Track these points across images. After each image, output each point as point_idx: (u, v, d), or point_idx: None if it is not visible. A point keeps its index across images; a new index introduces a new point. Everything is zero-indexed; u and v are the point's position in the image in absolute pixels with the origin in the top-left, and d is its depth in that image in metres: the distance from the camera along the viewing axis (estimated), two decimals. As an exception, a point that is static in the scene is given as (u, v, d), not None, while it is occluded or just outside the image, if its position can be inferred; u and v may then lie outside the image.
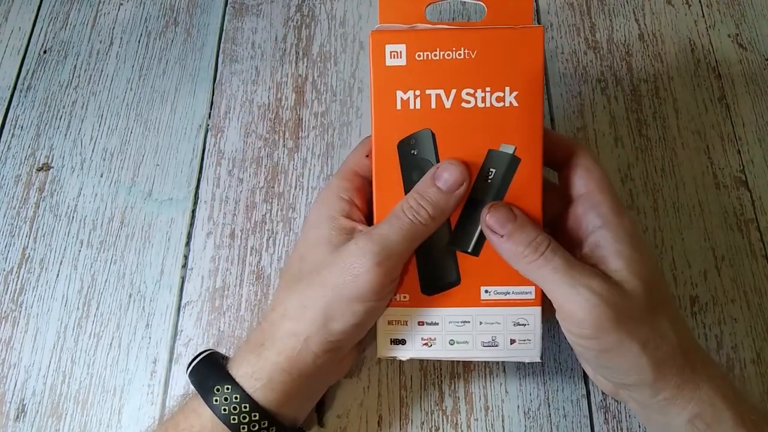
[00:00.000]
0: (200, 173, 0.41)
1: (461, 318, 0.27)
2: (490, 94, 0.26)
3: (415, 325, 0.27)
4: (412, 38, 0.26)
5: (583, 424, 0.32)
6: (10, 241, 0.39)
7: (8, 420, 0.34)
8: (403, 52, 0.26)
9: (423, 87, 0.26)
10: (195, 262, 0.38)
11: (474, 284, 0.27)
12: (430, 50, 0.26)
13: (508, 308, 0.27)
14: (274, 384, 0.26)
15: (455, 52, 0.26)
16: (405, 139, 0.27)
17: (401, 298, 0.27)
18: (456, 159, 0.26)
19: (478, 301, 0.27)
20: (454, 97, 0.26)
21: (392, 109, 0.26)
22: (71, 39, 0.46)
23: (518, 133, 0.26)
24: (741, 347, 0.34)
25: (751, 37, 0.43)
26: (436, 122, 0.26)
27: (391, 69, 0.26)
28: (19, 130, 0.43)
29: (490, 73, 0.26)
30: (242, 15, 0.46)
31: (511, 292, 0.27)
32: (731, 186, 0.38)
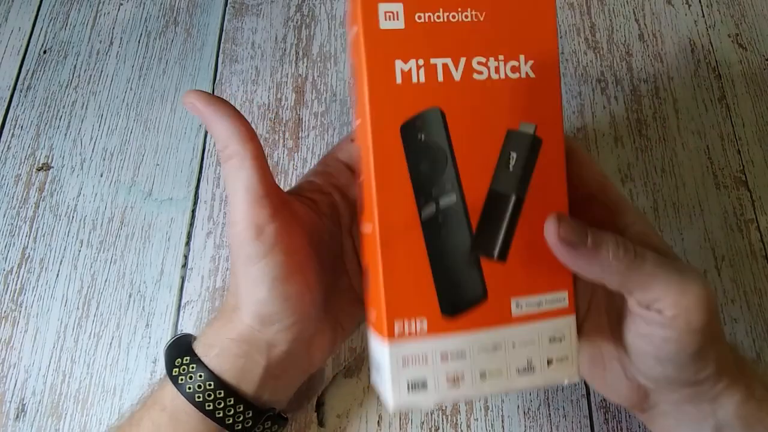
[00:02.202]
0: (200, 173, 0.41)
1: (492, 342, 0.22)
2: (504, 63, 0.22)
3: (437, 360, 0.22)
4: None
5: (583, 424, 0.32)
6: (10, 241, 0.39)
7: (8, 419, 0.34)
8: (400, 13, 0.21)
9: (427, 55, 0.22)
10: (195, 261, 0.38)
11: (503, 297, 0.22)
12: (432, 11, 0.22)
13: (543, 322, 0.23)
14: (226, 352, 0.26)
15: (461, 14, 0.22)
16: (409, 121, 0.22)
17: (417, 325, 0.22)
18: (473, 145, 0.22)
19: (509, 318, 0.22)
20: (464, 67, 0.22)
21: (391, 83, 0.21)
22: (71, 39, 0.46)
23: (537, 109, 0.22)
24: (741, 347, 0.34)
25: (751, 37, 0.43)
26: (445, 98, 0.22)
27: (386, 33, 0.21)
28: (19, 129, 0.43)
29: (502, 38, 0.22)
30: (242, 15, 0.46)
31: (544, 302, 0.23)
32: (731, 186, 0.38)
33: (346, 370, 0.34)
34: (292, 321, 0.25)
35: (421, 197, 0.22)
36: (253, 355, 0.26)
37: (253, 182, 0.24)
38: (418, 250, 0.22)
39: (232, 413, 0.25)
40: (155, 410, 0.26)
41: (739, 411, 0.24)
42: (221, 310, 0.27)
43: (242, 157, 0.24)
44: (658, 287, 0.22)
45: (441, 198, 0.22)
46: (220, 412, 0.25)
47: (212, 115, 0.24)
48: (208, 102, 0.24)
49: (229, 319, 0.26)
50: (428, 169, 0.22)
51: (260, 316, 0.25)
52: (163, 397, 0.26)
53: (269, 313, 0.25)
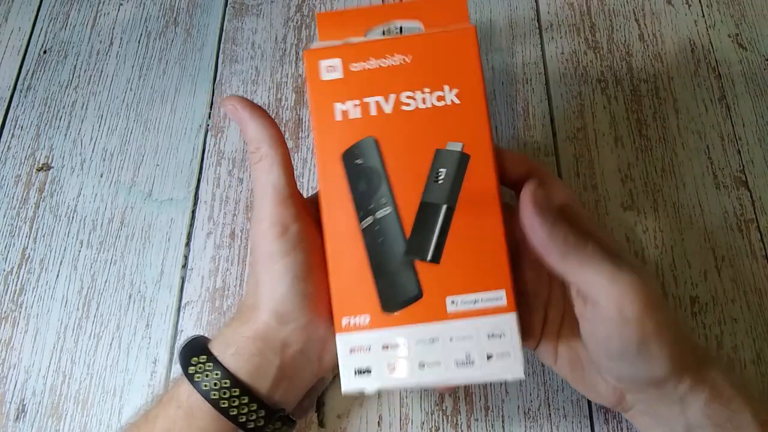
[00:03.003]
0: (200, 173, 0.41)
1: (429, 336, 0.24)
2: (430, 94, 0.26)
3: (379, 350, 0.25)
4: (345, 51, 0.26)
5: (583, 424, 0.32)
6: (10, 242, 0.39)
7: (8, 420, 0.34)
8: (339, 66, 0.26)
9: (361, 96, 0.26)
10: (195, 262, 0.38)
11: (438, 295, 0.25)
12: (365, 60, 0.26)
13: (479, 318, 0.24)
14: (242, 351, 0.26)
15: (390, 59, 0.26)
16: (348, 149, 0.26)
17: (361, 320, 0.25)
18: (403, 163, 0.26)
19: (444, 314, 0.25)
20: (394, 101, 0.26)
21: (331, 121, 0.26)
22: (71, 39, 0.46)
23: (464, 131, 0.25)
24: (741, 347, 0.34)
25: (752, 37, 0.43)
26: (378, 129, 0.26)
27: (327, 83, 0.26)
28: (19, 130, 0.43)
29: (427, 74, 0.26)
30: (242, 15, 0.46)
31: (480, 300, 0.25)
32: (731, 186, 0.38)
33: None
34: (308, 320, 0.26)
35: (361, 212, 0.26)
36: (267, 354, 0.26)
37: (281, 183, 0.26)
38: (360, 258, 0.25)
39: (245, 411, 0.26)
40: (171, 407, 0.26)
41: (707, 410, 0.24)
42: (238, 311, 0.28)
43: (272, 160, 0.26)
44: (590, 272, 0.23)
45: (377, 211, 0.25)
46: (234, 410, 0.25)
47: (249, 118, 0.26)
48: (246, 105, 0.27)
49: (247, 318, 0.27)
50: (366, 188, 0.25)
51: (278, 313, 0.26)
52: (179, 394, 0.26)
53: (287, 311, 0.26)
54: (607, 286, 0.23)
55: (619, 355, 0.24)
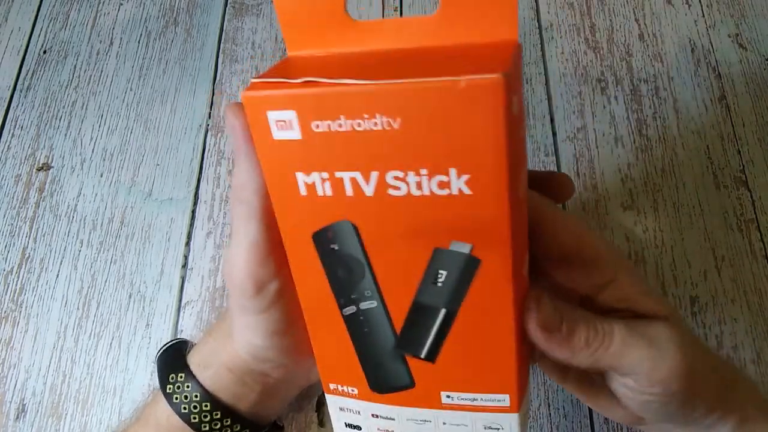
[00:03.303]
0: (200, 173, 0.41)
1: (421, 417, 0.22)
2: (428, 178, 0.17)
3: (368, 416, 0.23)
4: (303, 102, 0.17)
5: (583, 424, 0.32)
6: (10, 241, 0.39)
7: (8, 420, 0.34)
8: (295, 122, 0.17)
9: (330, 168, 0.18)
10: (195, 261, 0.38)
11: (432, 387, 0.21)
12: (332, 119, 0.17)
13: (477, 413, 0.21)
14: (221, 376, 0.25)
15: (369, 121, 0.17)
16: (320, 231, 0.20)
17: (349, 390, 0.22)
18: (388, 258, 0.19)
19: (438, 404, 0.22)
20: (377, 182, 0.18)
21: (295, 195, 0.19)
22: (71, 39, 0.46)
23: (475, 229, 0.18)
24: (741, 347, 0.34)
25: (751, 37, 0.43)
26: (357, 213, 0.19)
27: (282, 144, 0.18)
28: (19, 130, 0.43)
29: (423, 148, 0.17)
30: (242, 15, 0.46)
31: (480, 399, 0.21)
32: (731, 186, 0.38)
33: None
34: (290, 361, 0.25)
35: (341, 299, 0.21)
36: (246, 381, 0.25)
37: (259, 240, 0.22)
38: (344, 339, 0.21)
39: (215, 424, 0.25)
40: (150, 427, 0.26)
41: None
42: (217, 328, 0.27)
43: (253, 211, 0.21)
44: (628, 364, 0.21)
45: (361, 302, 0.21)
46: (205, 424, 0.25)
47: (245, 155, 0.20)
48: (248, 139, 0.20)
49: (224, 344, 0.25)
50: (345, 277, 0.20)
51: (255, 356, 0.24)
52: (156, 414, 0.26)
53: (264, 358, 0.24)
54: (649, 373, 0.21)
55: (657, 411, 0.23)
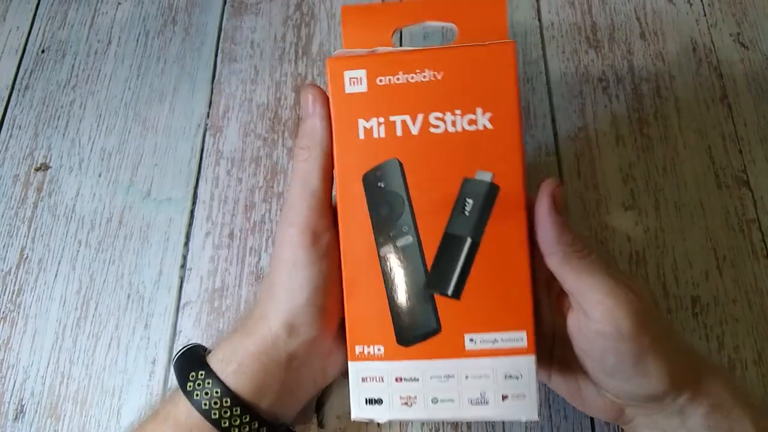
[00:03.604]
0: (199, 173, 0.40)
1: (444, 372, 0.24)
2: (461, 116, 0.24)
3: (392, 381, 0.24)
4: (372, 62, 0.24)
5: (584, 426, 0.32)
6: (8, 242, 0.39)
7: (7, 420, 0.34)
8: (363, 78, 0.24)
9: (386, 113, 0.24)
10: (194, 262, 0.38)
11: (457, 331, 0.24)
12: (392, 74, 0.24)
13: (498, 359, 0.24)
14: (245, 368, 0.25)
15: (419, 74, 0.24)
16: (370, 171, 0.24)
17: (375, 350, 0.24)
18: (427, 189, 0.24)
19: (462, 351, 0.24)
20: (422, 122, 0.24)
21: (354, 139, 0.24)
22: (69, 38, 0.46)
23: (495, 159, 0.24)
24: (742, 348, 0.34)
25: (753, 36, 0.43)
26: (403, 151, 0.24)
27: (351, 96, 0.24)
28: (17, 129, 0.43)
29: (458, 94, 0.24)
30: (241, 14, 0.46)
31: (500, 340, 0.24)
32: (733, 186, 0.38)
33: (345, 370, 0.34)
34: (318, 334, 0.26)
35: (380, 238, 0.24)
36: (272, 369, 0.26)
37: (320, 190, 0.25)
38: (377, 286, 0.24)
39: (247, 430, 0.25)
40: (168, 425, 0.25)
41: (707, 421, 0.24)
42: (241, 324, 0.27)
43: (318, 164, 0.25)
44: (588, 282, 0.23)
45: (398, 239, 0.24)
46: (236, 429, 0.25)
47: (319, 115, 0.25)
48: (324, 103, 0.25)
49: (251, 331, 0.26)
50: (387, 214, 0.24)
51: (290, 325, 0.25)
52: (176, 411, 0.26)
53: (299, 323, 0.25)
54: (603, 298, 0.23)
55: (615, 370, 0.24)
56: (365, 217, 0.24)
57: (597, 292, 0.23)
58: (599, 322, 0.23)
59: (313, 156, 0.25)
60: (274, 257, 0.26)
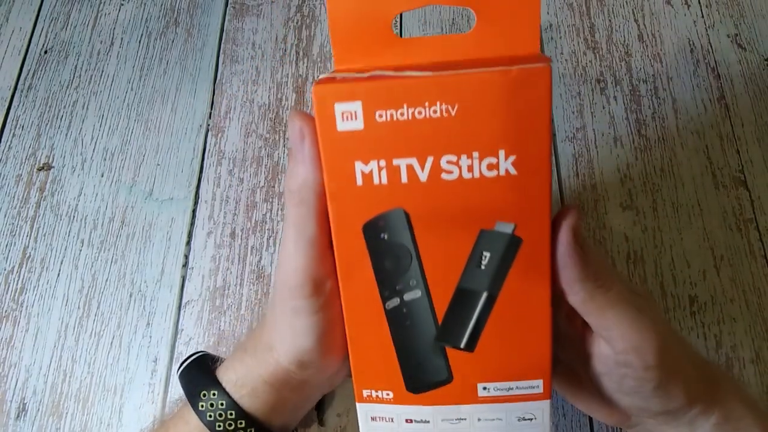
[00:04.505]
0: (201, 173, 0.41)
1: (456, 416, 0.23)
2: (479, 160, 0.19)
3: (402, 422, 0.23)
4: (368, 93, 0.19)
5: (582, 423, 0.32)
6: (11, 241, 0.39)
7: (9, 419, 0.34)
8: (359, 112, 0.19)
9: (389, 156, 0.20)
10: (195, 261, 0.38)
11: (469, 380, 0.22)
12: (395, 108, 0.19)
13: (512, 404, 0.22)
14: (258, 393, 0.25)
15: (429, 109, 0.19)
16: (371, 221, 0.21)
17: (383, 395, 0.23)
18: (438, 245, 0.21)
19: (474, 398, 0.22)
20: (431, 166, 0.20)
21: (351, 185, 0.20)
22: (72, 39, 0.46)
23: (518, 209, 0.20)
24: (740, 347, 0.34)
25: (750, 38, 0.43)
26: (409, 199, 0.20)
27: (345, 135, 0.20)
28: (20, 129, 0.43)
29: (477, 132, 0.19)
30: (243, 15, 0.46)
31: (516, 388, 0.22)
32: (730, 186, 0.38)
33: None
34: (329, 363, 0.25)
35: (386, 291, 0.22)
36: (284, 394, 0.26)
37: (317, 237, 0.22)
38: (383, 335, 0.22)
39: None
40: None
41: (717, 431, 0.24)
42: (252, 345, 0.26)
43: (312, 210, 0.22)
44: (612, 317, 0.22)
45: (405, 293, 0.22)
46: None
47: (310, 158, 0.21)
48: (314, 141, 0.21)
49: (263, 359, 0.25)
50: (392, 267, 0.21)
51: (301, 362, 0.25)
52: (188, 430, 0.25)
53: (309, 361, 0.25)
54: (629, 334, 0.22)
55: (634, 391, 0.24)
56: (367, 267, 0.22)
57: (622, 327, 0.22)
58: (624, 353, 0.22)
59: (306, 201, 0.22)
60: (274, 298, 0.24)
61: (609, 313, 0.22)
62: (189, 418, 0.25)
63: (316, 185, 0.21)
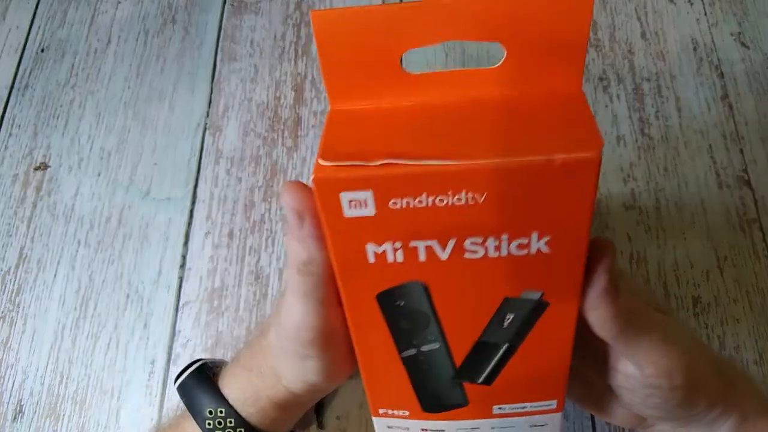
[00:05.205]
0: (198, 172, 0.40)
1: (470, 426, 0.23)
2: (508, 242, 0.17)
3: (418, 430, 0.24)
4: (382, 183, 0.16)
5: (585, 425, 0.32)
6: (7, 241, 0.39)
7: (6, 421, 0.34)
8: (370, 200, 0.17)
9: (405, 238, 0.18)
10: (193, 262, 0.37)
11: (484, 402, 0.22)
12: (412, 196, 0.16)
13: (525, 417, 0.23)
14: (267, 412, 0.26)
15: (453, 197, 0.16)
16: (387, 291, 0.19)
17: (399, 413, 0.23)
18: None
19: (489, 415, 0.23)
20: (454, 247, 0.18)
21: (363, 263, 0.18)
22: (69, 37, 0.46)
23: (548, 282, 0.19)
24: (743, 348, 0.34)
25: (754, 36, 0.43)
26: (428, 275, 0.19)
27: (353, 221, 0.17)
28: (16, 129, 0.43)
29: (507, 218, 0.17)
30: (241, 13, 0.46)
31: (530, 407, 0.23)
32: (734, 185, 0.38)
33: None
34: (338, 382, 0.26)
35: (402, 345, 0.21)
36: (294, 409, 0.27)
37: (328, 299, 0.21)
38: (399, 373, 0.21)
39: None
40: None
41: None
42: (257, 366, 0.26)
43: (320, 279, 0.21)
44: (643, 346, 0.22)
45: (422, 346, 0.21)
46: None
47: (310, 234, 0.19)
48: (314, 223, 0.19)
49: (270, 383, 0.25)
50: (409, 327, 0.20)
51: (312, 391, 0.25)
52: None
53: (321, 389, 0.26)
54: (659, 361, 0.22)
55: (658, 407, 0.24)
56: (383, 328, 0.20)
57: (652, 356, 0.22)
58: (653, 377, 0.22)
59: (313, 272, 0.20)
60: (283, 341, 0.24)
61: (639, 345, 0.22)
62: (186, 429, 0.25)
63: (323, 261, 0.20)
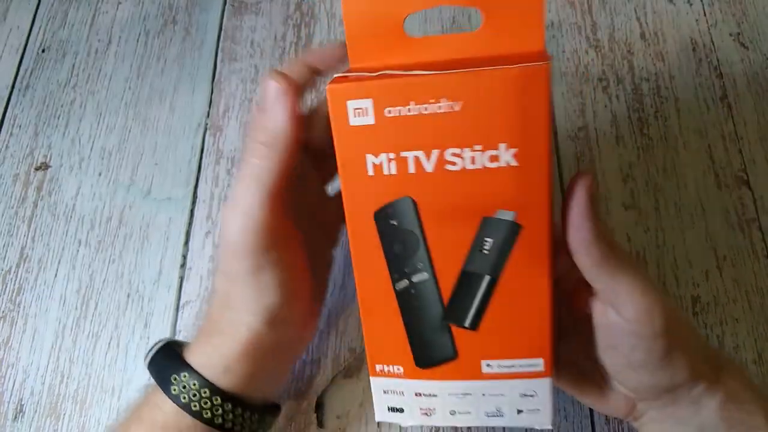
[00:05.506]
0: (199, 172, 0.40)
1: (462, 390, 0.25)
2: (482, 153, 0.21)
3: (412, 395, 0.25)
4: (378, 91, 0.21)
5: (584, 425, 0.32)
6: (8, 241, 0.39)
7: (6, 420, 0.34)
8: (370, 109, 0.21)
9: (397, 149, 0.22)
10: (194, 261, 0.38)
11: (473, 357, 0.24)
12: (402, 104, 0.21)
13: (514, 380, 0.24)
14: (231, 369, 0.25)
15: (434, 105, 0.21)
16: (381, 209, 0.23)
17: (395, 369, 0.25)
18: None
19: (478, 374, 0.24)
20: (437, 159, 0.22)
21: (363, 175, 0.22)
22: (70, 38, 0.46)
23: (519, 198, 0.22)
24: (742, 347, 0.34)
25: (753, 36, 0.43)
26: (416, 188, 0.22)
27: (357, 129, 0.22)
28: (17, 129, 0.43)
29: (479, 127, 0.21)
30: (241, 13, 0.46)
31: (517, 366, 0.24)
32: (733, 185, 0.38)
33: (345, 370, 0.34)
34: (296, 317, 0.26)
35: (395, 274, 0.24)
36: (258, 362, 0.26)
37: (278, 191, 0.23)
38: (394, 315, 0.24)
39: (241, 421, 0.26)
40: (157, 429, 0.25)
41: (721, 412, 0.24)
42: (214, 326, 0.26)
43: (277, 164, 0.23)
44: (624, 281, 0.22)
45: (413, 276, 0.24)
46: (230, 423, 0.25)
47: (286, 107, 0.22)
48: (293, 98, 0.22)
49: (229, 334, 0.25)
50: (401, 251, 0.23)
51: (270, 319, 0.25)
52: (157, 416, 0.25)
53: (279, 316, 0.25)
54: (639, 299, 0.22)
55: (642, 365, 0.24)
56: (379, 251, 0.23)
57: (632, 292, 0.22)
58: (634, 322, 0.22)
59: (272, 154, 0.22)
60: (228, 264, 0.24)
61: (621, 277, 0.22)
62: (162, 403, 0.25)
63: (287, 140, 0.22)
